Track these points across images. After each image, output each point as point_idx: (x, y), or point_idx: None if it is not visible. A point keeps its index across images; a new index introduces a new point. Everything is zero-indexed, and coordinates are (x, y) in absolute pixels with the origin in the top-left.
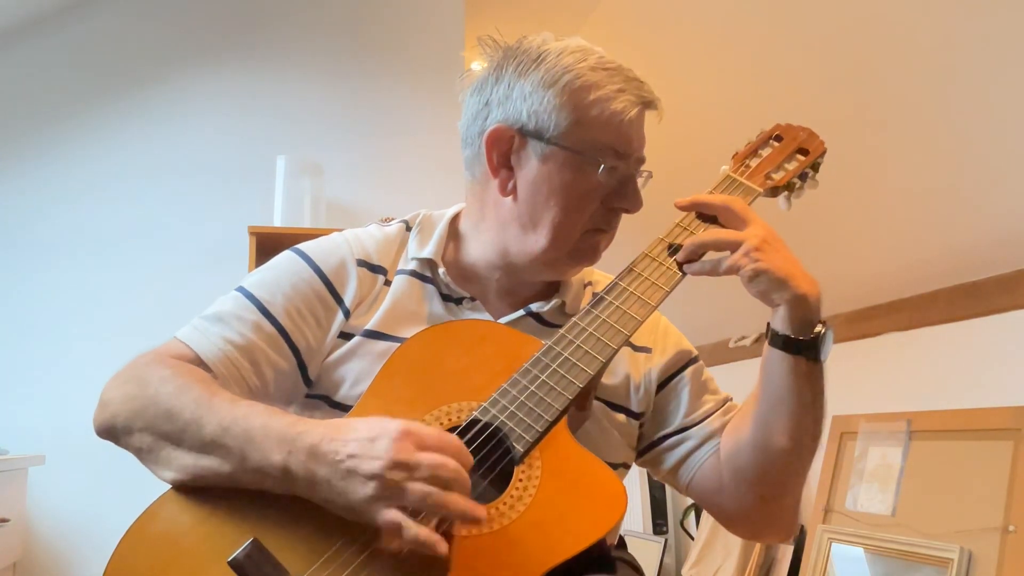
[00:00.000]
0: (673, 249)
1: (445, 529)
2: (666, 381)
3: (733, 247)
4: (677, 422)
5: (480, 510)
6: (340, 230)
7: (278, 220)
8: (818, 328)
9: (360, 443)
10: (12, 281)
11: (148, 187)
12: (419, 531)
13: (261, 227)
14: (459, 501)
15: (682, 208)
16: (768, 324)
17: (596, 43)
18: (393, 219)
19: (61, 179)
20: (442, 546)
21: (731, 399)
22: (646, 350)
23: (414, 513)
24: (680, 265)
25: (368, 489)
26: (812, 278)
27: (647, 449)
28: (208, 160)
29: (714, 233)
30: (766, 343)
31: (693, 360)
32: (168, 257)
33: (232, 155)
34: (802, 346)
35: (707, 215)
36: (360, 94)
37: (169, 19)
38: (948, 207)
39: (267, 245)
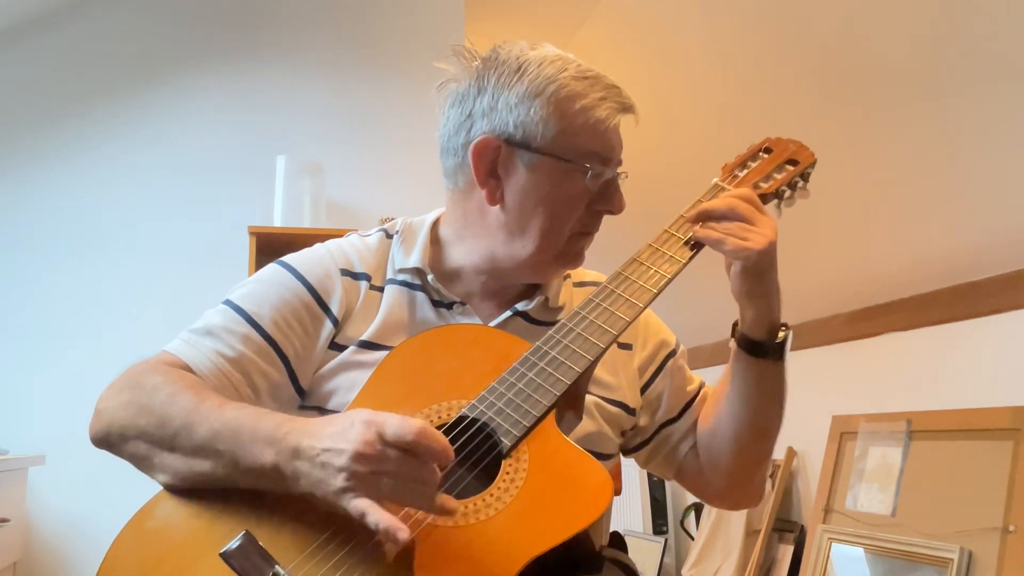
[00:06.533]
0: (661, 255)
1: (431, 519)
2: (650, 379)
3: (745, 234)
4: (662, 417)
5: (450, 501)
6: (340, 230)
7: (278, 220)
8: (782, 332)
9: (331, 438)
10: (12, 281)
11: (148, 187)
12: (380, 518)
13: (261, 227)
14: (425, 494)
15: (691, 220)
16: (735, 328)
17: (593, 46)
18: (394, 219)
19: (61, 179)
20: (403, 534)
21: (704, 384)
22: (627, 347)
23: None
24: (698, 243)
25: (339, 481)
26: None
27: (641, 445)
28: (208, 160)
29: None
30: (734, 348)
31: (671, 353)
32: (168, 257)
33: (232, 155)
34: (770, 349)
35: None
36: (360, 94)
37: (169, 19)
38: (948, 207)
39: (267, 245)
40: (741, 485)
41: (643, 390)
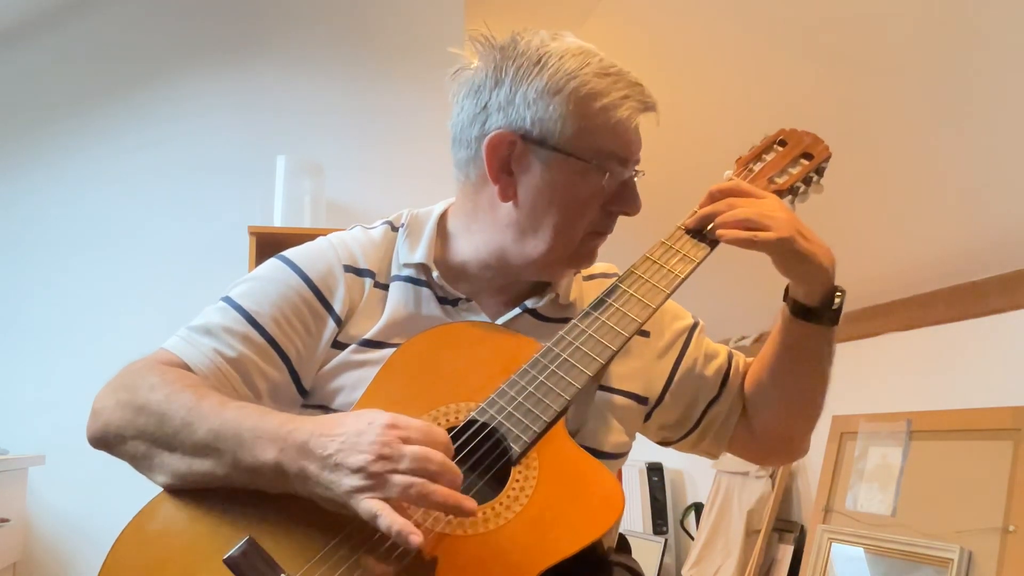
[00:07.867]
0: (674, 253)
1: (440, 528)
2: (675, 364)
3: (763, 227)
4: (703, 399)
5: (468, 501)
6: (340, 230)
7: (278, 220)
8: (837, 297)
9: (347, 437)
10: (12, 281)
11: (148, 187)
12: (393, 520)
13: (261, 227)
14: (444, 491)
15: (690, 229)
16: (787, 293)
17: (596, 43)
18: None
19: (61, 179)
20: (415, 537)
21: (731, 353)
22: (645, 334)
23: (401, 506)
24: (712, 241)
25: (353, 481)
26: (827, 247)
27: (689, 432)
28: (208, 160)
29: (745, 212)
30: (786, 313)
31: (691, 335)
32: (168, 257)
33: (232, 155)
34: (825, 316)
35: (708, 235)
36: (360, 94)
37: (169, 19)
38: (948, 207)
39: (267, 245)
40: (795, 442)
41: (671, 378)
